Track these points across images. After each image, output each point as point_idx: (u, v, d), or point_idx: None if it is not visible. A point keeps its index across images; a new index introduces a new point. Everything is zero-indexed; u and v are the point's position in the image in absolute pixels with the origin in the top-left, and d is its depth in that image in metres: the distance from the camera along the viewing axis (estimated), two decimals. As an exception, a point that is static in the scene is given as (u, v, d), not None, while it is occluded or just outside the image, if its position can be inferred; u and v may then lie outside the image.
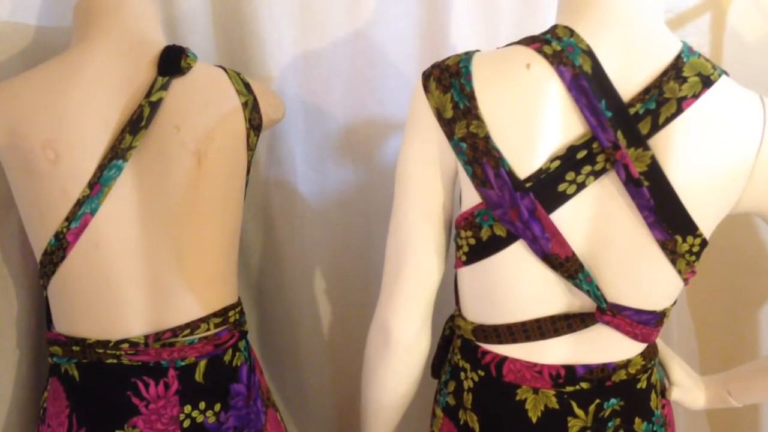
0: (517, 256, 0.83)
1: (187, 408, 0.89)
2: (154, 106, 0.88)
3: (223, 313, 0.94)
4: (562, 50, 0.78)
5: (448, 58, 0.85)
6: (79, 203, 0.86)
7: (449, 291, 0.97)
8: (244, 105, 0.95)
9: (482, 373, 0.90)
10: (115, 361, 0.88)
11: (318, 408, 1.22)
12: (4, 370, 0.98)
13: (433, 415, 0.99)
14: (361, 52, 1.12)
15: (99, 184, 0.86)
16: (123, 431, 0.86)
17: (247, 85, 0.97)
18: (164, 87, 0.89)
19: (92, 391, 0.88)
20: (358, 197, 1.17)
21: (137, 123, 0.87)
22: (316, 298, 1.19)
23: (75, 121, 0.86)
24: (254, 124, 0.97)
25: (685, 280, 0.83)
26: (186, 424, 0.88)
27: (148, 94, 0.88)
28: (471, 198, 0.84)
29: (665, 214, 0.77)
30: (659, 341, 0.97)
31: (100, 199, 0.87)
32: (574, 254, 0.81)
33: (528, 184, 0.79)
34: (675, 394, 0.95)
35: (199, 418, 0.89)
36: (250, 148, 0.98)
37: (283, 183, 1.14)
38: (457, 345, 0.95)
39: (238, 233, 0.98)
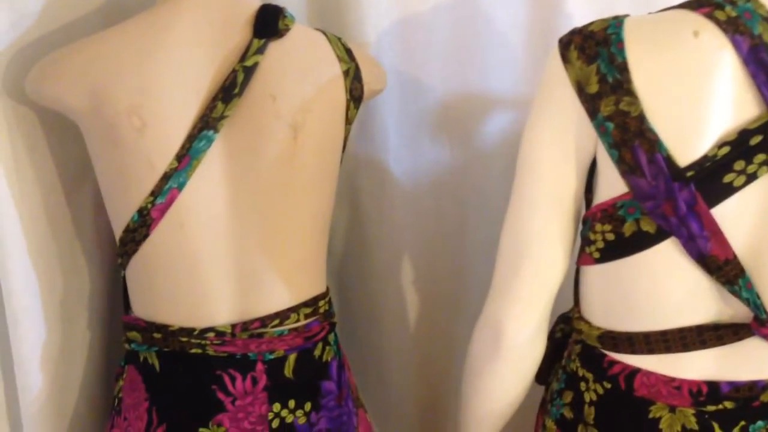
0: (666, 257, 0.72)
1: (276, 406, 0.81)
2: (249, 71, 0.79)
3: (313, 302, 0.86)
4: (738, 16, 0.67)
5: (592, 23, 0.74)
6: (166, 177, 0.78)
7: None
8: (345, 73, 0.86)
9: (608, 386, 0.80)
10: (199, 351, 0.80)
11: (400, 405, 1.13)
12: (75, 353, 0.91)
13: (542, 427, 0.89)
14: (465, 19, 1.01)
15: (188, 156, 0.78)
16: (208, 429, 0.78)
17: (348, 52, 0.87)
18: (260, 51, 0.80)
19: (174, 383, 0.81)
20: (452, 181, 1.07)
21: (230, 90, 0.78)
22: (403, 288, 1.10)
23: (162, 86, 0.78)
24: (355, 95, 0.87)
25: None
26: (275, 424, 0.80)
27: (243, 57, 0.79)
28: (613, 187, 0.73)
29: None
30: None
31: (188, 173, 0.78)
32: (735, 257, 0.70)
33: (689, 173, 0.68)
34: None
35: (289, 418, 0.81)
36: (349, 122, 0.88)
37: (373, 161, 1.05)
38: (576, 351, 0.85)
39: (330, 215, 0.89)
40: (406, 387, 1.13)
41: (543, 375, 0.92)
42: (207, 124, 0.78)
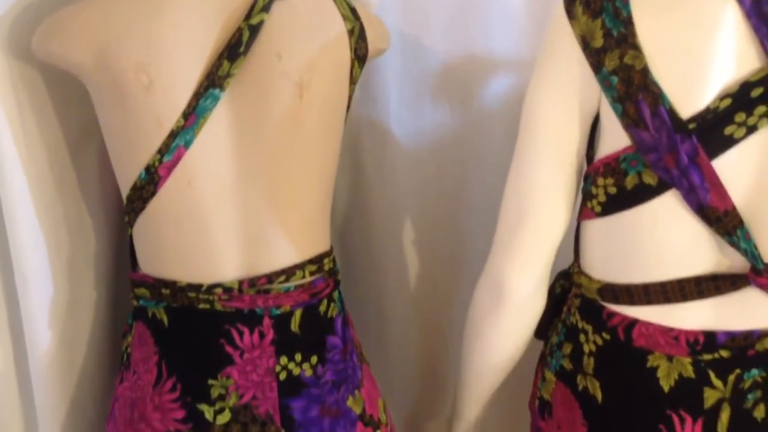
0: (667, 209, 0.74)
1: (283, 359, 0.82)
2: (254, 29, 0.79)
3: (318, 260, 0.87)
4: None
5: None
6: (173, 134, 0.78)
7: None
8: (350, 32, 0.86)
9: (607, 337, 0.82)
10: (207, 306, 0.81)
11: (401, 363, 1.16)
12: (82, 311, 0.92)
13: (542, 379, 0.91)
14: (466, -20, 1.01)
15: (194, 114, 0.78)
16: (217, 381, 0.80)
17: (353, 11, 0.87)
18: (265, 8, 0.80)
19: (183, 337, 0.82)
20: (453, 143, 1.08)
21: (236, 48, 0.79)
22: (404, 249, 1.12)
23: (169, 44, 0.78)
24: (360, 54, 0.87)
25: None
26: (282, 376, 0.82)
27: (248, 16, 0.79)
28: (616, 141, 0.74)
29: None
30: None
31: (195, 131, 0.79)
32: (734, 208, 0.72)
33: (691, 126, 0.69)
34: None
35: (296, 371, 0.82)
36: (353, 81, 0.89)
37: (375, 123, 1.06)
38: (576, 305, 0.87)
39: (334, 177, 0.90)
40: (406, 346, 1.15)
41: (542, 330, 0.94)
42: (213, 82, 0.78)
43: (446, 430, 1.03)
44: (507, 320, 0.85)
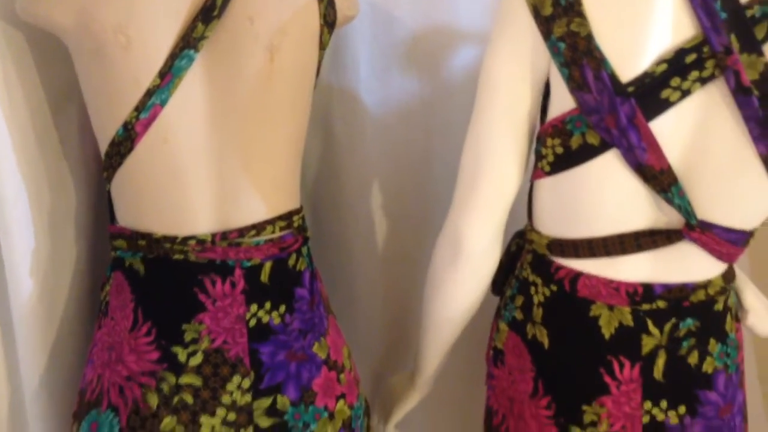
0: (608, 166, 0.80)
1: (253, 307, 0.87)
2: None
3: (288, 216, 0.92)
4: None
5: None
6: (149, 93, 0.83)
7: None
8: None
9: (555, 288, 0.88)
10: (182, 257, 0.86)
11: (368, 322, 1.21)
12: (63, 263, 0.96)
13: (496, 330, 0.97)
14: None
15: (170, 74, 0.83)
16: (190, 325, 0.85)
17: None
18: None
19: (158, 285, 0.87)
20: (421, 111, 1.13)
21: (210, 11, 0.83)
22: (372, 213, 1.17)
23: (146, 6, 0.83)
24: (329, 20, 0.92)
25: None
26: (252, 323, 0.87)
27: None
28: (563, 103, 0.80)
29: (773, 127, 0.74)
30: (735, 266, 0.94)
31: (171, 90, 0.83)
32: (669, 166, 0.78)
33: (630, 89, 0.75)
34: (750, 319, 0.93)
35: (265, 318, 0.88)
36: (322, 47, 0.94)
37: (345, 91, 1.11)
38: (527, 260, 0.93)
39: (304, 138, 0.95)
40: (374, 305, 1.20)
41: (498, 286, 1.00)
42: (188, 43, 0.83)
43: (408, 382, 1.09)
44: (464, 273, 0.91)
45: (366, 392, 1.23)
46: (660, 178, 0.78)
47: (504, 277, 0.99)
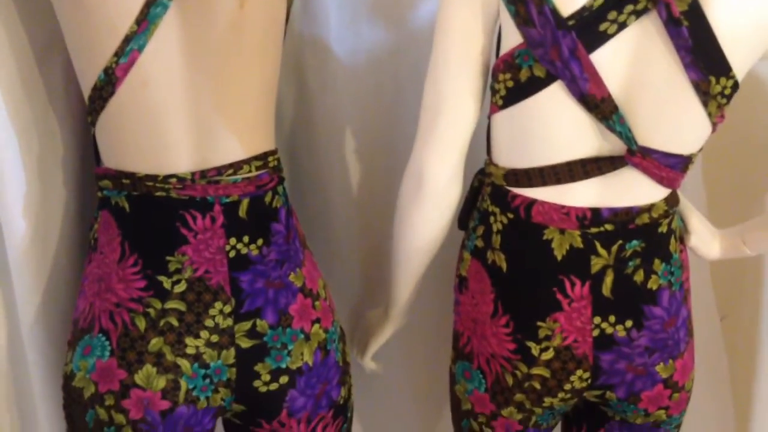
0: (554, 97, 0.86)
1: (232, 240, 0.94)
2: None
3: (263, 157, 0.98)
4: None
5: None
6: (127, 39, 0.88)
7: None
8: None
9: (511, 216, 0.95)
10: (164, 194, 0.92)
11: (345, 264, 1.28)
12: (54, 205, 1.02)
13: (460, 260, 1.04)
14: None
15: (146, 21, 0.88)
16: (173, 257, 0.91)
17: None
18: None
19: (143, 221, 0.93)
20: (389, 59, 1.19)
21: None
22: (346, 158, 1.23)
23: None
24: None
25: (714, 125, 0.87)
26: (232, 254, 0.93)
27: None
28: (512, 39, 0.86)
29: (702, 55, 0.80)
30: (681, 195, 1.01)
31: (147, 36, 0.89)
32: (609, 95, 0.84)
33: (570, 23, 0.81)
34: (692, 241, 1.00)
35: (244, 250, 0.94)
36: (290, -4, 0.99)
37: (316, 41, 1.16)
38: (487, 192, 1.00)
39: (276, 83, 1.01)
40: (350, 246, 1.27)
41: (464, 221, 1.07)
42: None
43: (383, 315, 1.16)
44: (428, 205, 0.98)
45: (345, 330, 1.31)
46: (601, 107, 0.85)
47: (468, 213, 1.06)
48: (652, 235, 0.94)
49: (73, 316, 0.96)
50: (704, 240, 1.01)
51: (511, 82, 0.88)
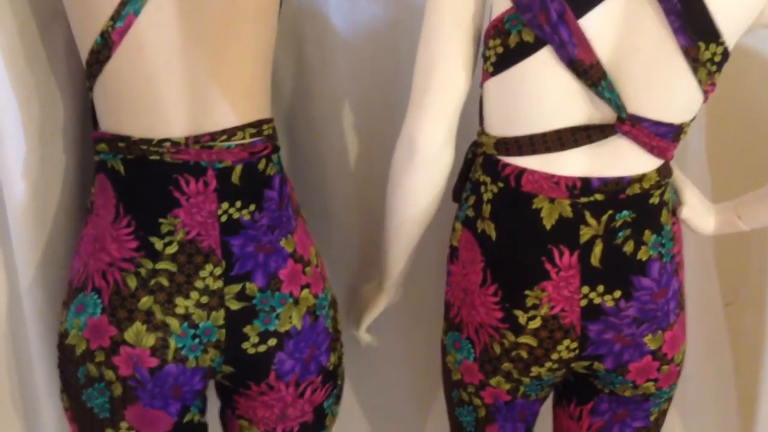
0: (543, 63, 0.86)
1: (225, 205, 0.95)
2: None
3: (257, 125, 0.99)
4: None
5: None
6: (123, 3, 0.90)
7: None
8: None
9: (501, 185, 0.95)
10: (158, 158, 0.94)
11: (342, 236, 1.28)
12: (53, 170, 1.05)
13: (453, 230, 1.05)
14: None
15: None
16: (166, 219, 0.93)
17: None
18: None
19: (137, 184, 0.94)
20: (388, 32, 1.19)
21: None
22: (344, 131, 1.24)
23: None
24: None
25: (705, 93, 0.86)
26: (223, 219, 0.95)
27: None
28: (501, 4, 0.86)
29: (691, 19, 0.80)
30: (675, 168, 1.01)
31: (142, 1, 0.90)
32: (598, 61, 0.84)
33: (559, -13, 0.81)
34: (685, 213, 0.99)
35: (236, 215, 0.95)
36: (286, -36, 1.00)
37: (315, 15, 1.17)
38: (479, 162, 1.00)
39: (272, 52, 1.02)
40: (348, 222, 1.28)
41: (457, 193, 1.07)
42: None
43: (377, 287, 1.17)
44: (419, 172, 0.98)
45: (342, 303, 1.32)
46: (590, 73, 0.85)
47: (462, 184, 1.06)
48: (643, 206, 0.93)
49: (69, 276, 0.98)
50: (698, 213, 1.01)
51: (500, 48, 0.88)
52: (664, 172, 0.94)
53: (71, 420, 0.96)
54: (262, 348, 0.95)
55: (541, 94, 0.88)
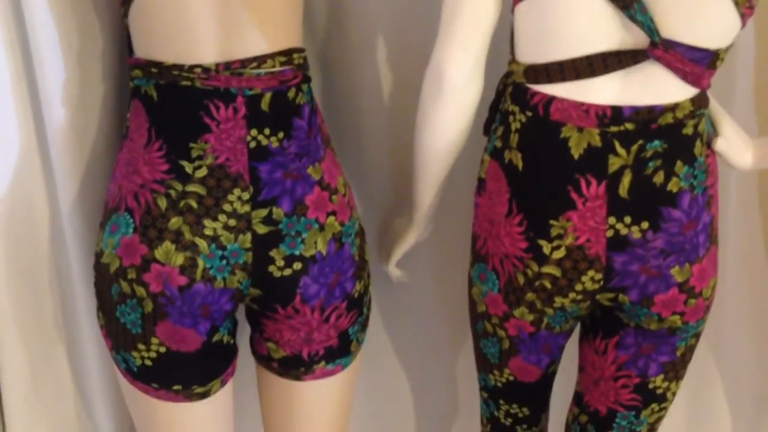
0: (574, -15, 0.84)
1: (254, 131, 0.96)
2: None
3: (288, 53, 1.00)
4: None
5: None
6: None
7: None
8: None
9: (530, 114, 0.94)
10: (189, 83, 0.95)
11: (376, 171, 1.29)
12: (92, 98, 1.08)
13: (481, 162, 1.04)
14: None
15: None
16: (196, 144, 0.95)
17: None
18: None
19: (168, 109, 0.96)
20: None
21: None
22: (377, 63, 1.23)
23: None
24: None
25: (742, 17, 0.83)
26: (252, 145, 0.96)
27: None
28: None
29: (729, -66, 0.76)
30: (713, 99, 0.97)
31: None
32: (631, -19, 0.81)
33: None
34: (720, 145, 0.96)
35: (264, 142, 0.97)
36: None
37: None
38: (508, 92, 0.98)
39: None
40: (381, 155, 1.28)
41: (488, 126, 1.06)
42: None
43: (408, 221, 1.18)
44: (447, 104, 0.97)
45: (375, 237, 1.33)
46: (623, -6, 0.82)
47: (492, 117, 1.05)
48: (676, 137, 0.91)
49: (105, 198, 1.02)
50: (735, 146, 0.97)
51: (531, -30, 0.86)
52: (700, 101, 0.91)
53: (106, 336, 1.01)
54: (287, 272, 0.98)
55: (572, 18, 0.86)
